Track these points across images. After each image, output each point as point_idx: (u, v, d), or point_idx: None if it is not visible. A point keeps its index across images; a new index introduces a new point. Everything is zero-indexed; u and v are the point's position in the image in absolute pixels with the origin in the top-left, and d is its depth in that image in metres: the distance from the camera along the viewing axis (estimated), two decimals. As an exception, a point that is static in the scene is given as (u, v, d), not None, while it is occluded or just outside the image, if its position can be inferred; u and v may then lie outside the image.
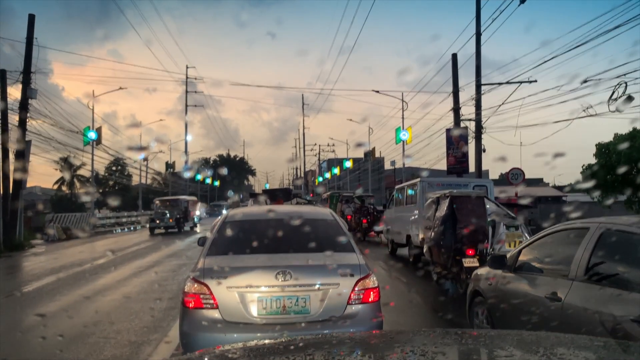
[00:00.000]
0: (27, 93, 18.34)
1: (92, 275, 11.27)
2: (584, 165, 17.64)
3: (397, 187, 15.81)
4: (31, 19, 19.06)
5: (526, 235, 8.45)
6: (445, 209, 8.51)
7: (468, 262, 7.99)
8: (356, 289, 4.03)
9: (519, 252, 4.48)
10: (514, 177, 15.29)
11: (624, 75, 12.03)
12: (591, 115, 13.42)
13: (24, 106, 18.49)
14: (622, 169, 15.19)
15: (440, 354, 1.71)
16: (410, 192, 13.45)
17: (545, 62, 14.33)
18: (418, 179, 13.41)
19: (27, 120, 18.87)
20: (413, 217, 12.40)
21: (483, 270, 5.13)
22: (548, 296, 3.59)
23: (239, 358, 1.73)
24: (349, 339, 2.07)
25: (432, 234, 8.97)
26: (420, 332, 2.26)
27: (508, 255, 4.61)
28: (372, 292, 4.10)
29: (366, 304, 4.06)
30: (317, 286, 4.00)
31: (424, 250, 9.73)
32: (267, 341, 1.95)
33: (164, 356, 5.14)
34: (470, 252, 8.11)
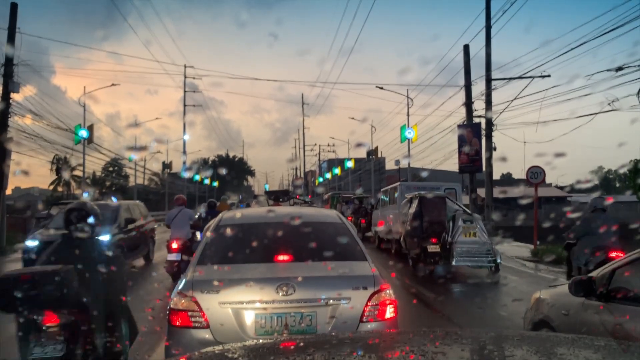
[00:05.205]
0: (9, 86, 17.33)
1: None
2: (631, 160, 16.88)
3: (382, 189, 17.86)
4: (13, 7, 17.79)
5: (479, 227, 10.11)
6: (415, 207, 10.75)
7: (431, 248, 10.19)
8: (370, 303, 3.51)
9: (612, 273, 3.38)
10: (533, 176, 14.56)
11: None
12: (615, 110, 13.01)
13: (5, 100, 17.23)
14: None
15: (440, 354, 1.70)
16: (391, 194, 15.52)
17: (572, 49, 13.54)
18: (398, 183, 15.96)
19: (9, 115, 17.41)
20: (393, 216, 14.45)
21: (547, 295, 4.21)
22: None
23: (239, 358, 1.73)
24: (348, 339, 2.07)
25: (407, 227, 11.12)
26: (420, 332, 2.26)
27: (596, 276, 3.51)
28: (388, 308, 3.57)
29: (382, 321, 3.52)
30: (324, 301, 3.50)
31: (401, 240, 11.91)
32: (267, 341, 1.95)
33: (163, 357, 5.11)
34: (433, 240, 10.24)
